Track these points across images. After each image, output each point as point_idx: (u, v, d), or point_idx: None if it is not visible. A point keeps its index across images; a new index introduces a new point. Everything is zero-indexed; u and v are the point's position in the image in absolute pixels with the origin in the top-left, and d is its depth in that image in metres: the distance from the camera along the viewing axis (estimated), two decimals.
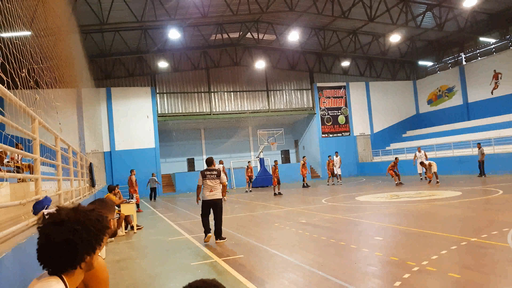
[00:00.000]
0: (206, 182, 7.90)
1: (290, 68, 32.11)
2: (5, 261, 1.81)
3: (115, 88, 27.47)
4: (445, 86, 32.20)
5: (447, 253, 5.67)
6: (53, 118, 5.50)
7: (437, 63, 33.14)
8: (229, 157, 32.71)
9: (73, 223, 1.47)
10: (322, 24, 27.11)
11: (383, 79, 34.69)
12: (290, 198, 17.07)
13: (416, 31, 27.84)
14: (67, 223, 1.46)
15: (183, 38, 25.88)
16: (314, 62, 32.70)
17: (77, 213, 1.51)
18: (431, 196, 12.93)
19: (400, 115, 34.81)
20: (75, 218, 1.49)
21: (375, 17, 23.60)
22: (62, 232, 1.45)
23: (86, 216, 1.52)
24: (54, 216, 1.49)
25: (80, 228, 1.47)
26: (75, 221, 1.48)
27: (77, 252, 1.47)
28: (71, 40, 12.07)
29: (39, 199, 3.00)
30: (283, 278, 5.20)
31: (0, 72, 2.51)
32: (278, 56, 31.32)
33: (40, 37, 5.22)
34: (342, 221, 9.52)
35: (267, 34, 28.03)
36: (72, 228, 1.46)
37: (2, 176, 2.54)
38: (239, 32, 27.19)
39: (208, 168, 8.10)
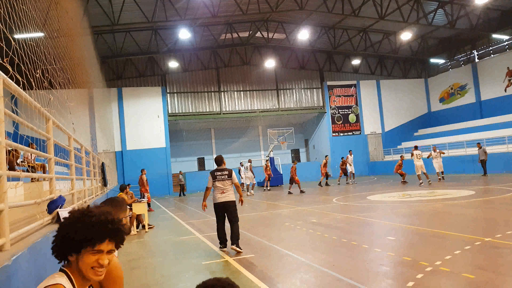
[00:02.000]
0: (216, 184, 7.22)
1: (300, 67, 32.00)
2: (20, 260, 1.83)
3: (126, 88, 27.72)
4: (458, 84, 31.75)
5: (461, 253, 5.59)
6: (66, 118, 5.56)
7: (449, 61, 32.69)
8: (239, 157, 32.73)
9: (80, 215, 1.64)
10: (332, 22, 26.94)
11: (394, 77, 34.35)
12: (300, 198, 17.02)
13: (428, 29, 27.50)
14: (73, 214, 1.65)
15: (193, 38, 25.98)
16: (324, 61, 32.54)
17: (84, 209, 1.68)
18: (444, 196, 12.76)
19: (412, 113, 34.43)
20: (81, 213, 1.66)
21: (386, 15, 23.38)
22: (69, 223, 1.62)
23: (90, 211, 1.66)
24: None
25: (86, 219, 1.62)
26: (82, 214, 1.65)
27: (81, 239, 1.58)
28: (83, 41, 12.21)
29: (54, 199, 3.03)
30: (295, 278, 5.18)
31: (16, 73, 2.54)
32: (288, 55, 31.23)
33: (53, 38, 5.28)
34: (353, 221, 9.45)
35: (277, 33, 27.97)
36: (77, 217, 1.63)
37: (17, 175, 2.57)
38: (249, 31, 27.18)
39: (218, 168, 7.34)
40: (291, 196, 18.12)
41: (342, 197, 15.31)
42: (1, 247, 1.90)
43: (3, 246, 1.91)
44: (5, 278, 1.62)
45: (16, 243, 2.12)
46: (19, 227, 2.29)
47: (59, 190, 3.69)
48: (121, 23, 20.78)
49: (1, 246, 1.90)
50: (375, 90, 33.49)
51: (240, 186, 7.71)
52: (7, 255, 1.80)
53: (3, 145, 1.99)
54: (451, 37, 29.97)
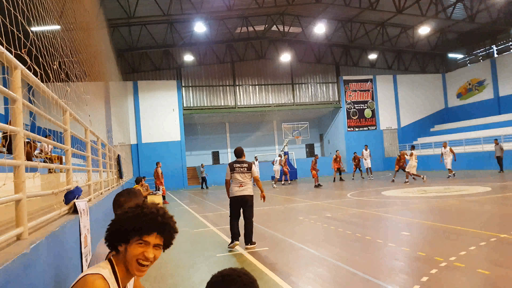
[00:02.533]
0: (235, 176, 6.85)
1: (316, 61, 31.71)
2: (39, 248, 1.86)
3: (142, 82, 27.97)
4: (476, 80, 31.02)
5: (476, 249, 5.51)
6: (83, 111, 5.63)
7: (467, 56, 31.94)
8: (253, 151, 32.76)
9: (132, 210, 1.67)
10: (349, 16, 26.56)
11: (412, 72, 33.75)
12: (315, 192, 16.96)
13: (447, 23, 26.88)
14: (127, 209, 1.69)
15: (209, 31, 25.98)
16: (341, 55, 32.17)
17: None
18: (460, 192, 12.54)
19: (429, 109, 33.83)
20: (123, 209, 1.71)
21: (404, 9, 22.92)
22: (123, 214, 1.67)
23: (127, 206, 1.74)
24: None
25: (130, 215, 1.66)
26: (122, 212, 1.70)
27: (126, 231, 1.63)
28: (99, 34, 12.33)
29: (71, 189, 3.08)
30: (309, 272, 5.17)
31: (34, 64, 2.57)
32: (304, 49, 30.97)
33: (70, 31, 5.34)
34: (368, 216, 9.37)
35: (293, 27, 27.73)
36: (115, 219, 1.68)
37: (35, 165, 2.61)
38: (265, 25, 27.02)
39: (237, 160, 7.01)
40: (306, 190, 18.07)
41: (357, 192, 15.19)
42: (19, 235, 1.93)
43: (22, 235, 1.95)
44: (23, 266, 1.65)
45: (34, 232, 2.16)
46: (37, 216, 2.33)
47: (76, 181, 3.74)
48: (137, 16, 20.92)
49: (20, 235, 1.93)
50: (391, 85, 32.99)
51: (259, 180, 7.26)
52: (26, 243, 1.84)
53: (21, 135, 2.02)
54: (471, 32, 29.23)
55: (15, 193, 1.94)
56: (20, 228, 1.93)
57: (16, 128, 1.99)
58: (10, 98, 2.00)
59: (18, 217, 1.95)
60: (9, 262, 1.49)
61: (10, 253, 1.61)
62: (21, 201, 1.95)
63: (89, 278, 1.51)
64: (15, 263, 1.55)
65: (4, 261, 1.48)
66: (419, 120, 33.53)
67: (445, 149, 19.09)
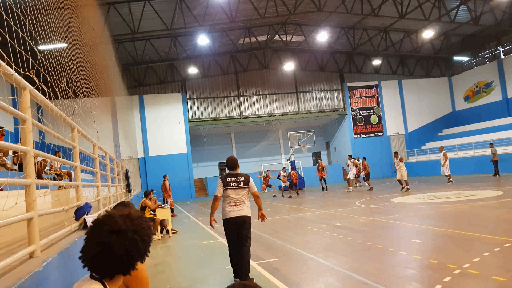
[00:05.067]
0: (228, 193, 5.50)
1: (319, 69, 31.81)
2: (51, 266, 1.88)
3: (147, 96, 28.22)
4: (483, 82, 30.84)
5: (490, 255, 5.41)
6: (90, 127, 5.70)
7: (473, 58, 31.82)
8: (260, 161, 32.76)
9: (132, 233, 1.51)
10: (351, 23, 26.68)
11: (417, 76, 33.69)
12: (322, 201, 16.86)
13: (450, 26, 26.86)
14: (126, 233, 1.50)
15: (212, 43, 26.22)
16: (344, 62, 32.25)
17: (133, 222, 1.54)
18: (471, 197, 12.38)
19: (436, 113, 33.65)
20: (133, 228, 1.53)
21: (407, 13, 22.98)
22: (123, 242, 1.49)
23: (140, 224, 1.56)
24: (112, 224, 1.51)
25: (137, 238, 1.52)
26: (133, 230, 1.52)
27: (133, 261, 1.53)
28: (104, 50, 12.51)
29: (80, 205, 3.10)
30: (319, 282, 5.12)
31: (42, 84, 2.62)
32: (307, 57, 31.11)
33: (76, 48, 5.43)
34: (377, 224, 9.28)
35: (296, 36, 27.91)
36: (131, 238, 1.50)
37: (45, 183, 2.64)
38: (267, 35, 27.24)
39: (230, 172, 5.63)
40: (313, 199, 17.97)
41: (366, 200, 15.07)
42: (32, 253, 1.95)
43: (34, 253, 1.96)
44: (36, 284, 1.66)
45: (46, 249, 2.17)
46: (48, 233, 2.35)
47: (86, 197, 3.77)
48: (141, 31, 21.20)
49: (32, 253, 1.95)
50: (397, 90, 32.93)
51: (259, 196, 5.83)
52: (38, 261, 1.85)
53: (31, 154, 2.05)
54: (475, 34, 29.18)
55: (26, 212, 1.97)
56: (32, 246, 1.95)
57: (26, 147, 2.02)
58: (20, 118, 2.04)
59: (30, 235, 1.97)
60: (22, 281, 1.50)
61: (23, 272, 1.63)
62: (33, 219, 1.98)
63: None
64: (28, 282, 1.56)
65: (17, 280, 1.49)
66: (427, 124, 33.34)
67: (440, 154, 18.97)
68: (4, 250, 2.34)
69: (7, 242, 2.64)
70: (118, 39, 22.38)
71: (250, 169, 32.12)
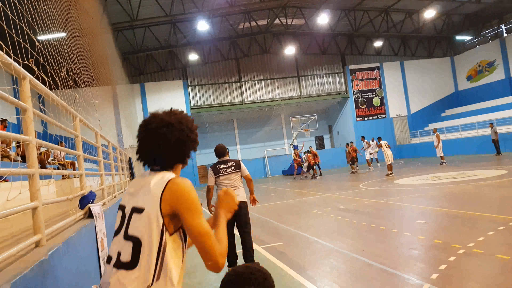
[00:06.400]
0: (221, 181, 5.49)
1: (320, 52, 31.49)
2: (57, 254, 1.90)
3: (149, 84, 28.11)
4: (485, 61, 30.47)
5: (494, 234, 5.43)
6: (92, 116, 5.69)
7: (475, 37, 31.37)
8: (262, 146, 32.76)
9: (179, 124, 1.73)
10: (352, 4, 26.26)
11: (419, 57, 33.32)
12: (326, 184, 16.92)
13: (452, 5, 26.43)
14: (173, 125, 1.72)
15: (212, 29, 25.95)
16: (346, 45, 31.88)
17: (176, 116, 1.77)
18: (475, 176, 12.37)
19: (438, 93, 33.38)
20: (179, 120, 1.75)
21: None
22: (173, 132, 1.70)
23: (185, 117, 1.79)
24: (161, 119, 1.74)
25: (184, 127, 1.74)
26: (180, 122, 1.74)
27: (185, 149, 1.76)
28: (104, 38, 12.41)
29: (85, 194, 3.12)
30: (324, 265, 5.17)
31: (42, 73, 2.60)
32: (308, 40, 30.77)
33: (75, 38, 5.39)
34: (382, 206, 9.32)
35: (296, 19, 27.55)
36: (179, 128, 1.72)
37: (49, 173, 2.65)
38: (267, 19, 26.90)
39: (220, 160, 5.60)
40: (316, 183, 18.04)
41: (369, 182, 15.10)
42: (37, 242, 1.97)
43: (40, 242, 1.98)
44: (43, 273, 1.68)
45: (52, 238, 2.19)
46: (53, 223, 2.36)
47: (90, 186, 3.79)
48: (140, 18, 21.00)
49: (38, 242, 1.97)
50: (399, 71, 32.63)
51: (251, 179, 5.74)
52: (44, 250, 1.87)
53: (33, 143, 2.05)
54: (477, 12, 28.68)
55: (30, 201, 1.98)
56: (38, 236, 1.96)
57: (28, 137, 2.02)
58: (21, 108, 2.03)
59: (35, 225, 1.99)
60: (29, 269, 1.51)
61: (30, 261, 1.64)
62: (37, 208, 1.98)
63: (177, 179, 1.64)
64: (34, 271, 1.57)
65: (24, 268, 1.50)
66: (430, 105, 33.12)
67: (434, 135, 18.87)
68: (11, 240, 2.36)
69: (13, 233, 2.66)
70: (117, 27, 22.19)
71: (253, 155, 32.17)
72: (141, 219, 1.57)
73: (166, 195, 1.57)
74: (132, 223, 1.59)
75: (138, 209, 1.60)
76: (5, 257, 1.55)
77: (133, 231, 1.57)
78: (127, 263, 1.52)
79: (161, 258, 1.53)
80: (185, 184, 1.63)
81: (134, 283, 1.48)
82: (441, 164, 18.23)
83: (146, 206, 1.58)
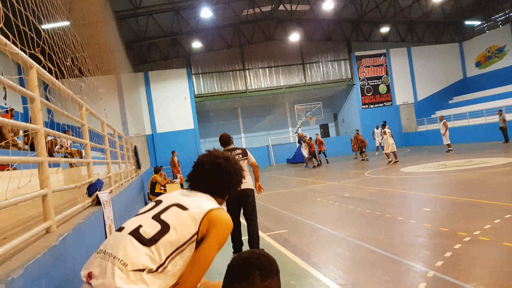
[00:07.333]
0: None
1: (326, 39, 31.16)
2: (67, 240, 1.93)
3: (152, 72, 28.05)
4: (495, 47, 29.99)
5: (501, 222, 5.42)
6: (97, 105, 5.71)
7: (485, 22, 30.82)
8: (267, 134, 32.76)
9: (233, 163, 1.99)
10: None
11: (426, 43, 32.86)
12: (331, 173, 16.92)
13: None
14: (229, 161, 1.98)
15: (215, 16, 25.73)
16: (351, 31, 31.50)
17: (230, 158, 2.02)
18: (482, 164, 12.31)
19: (446, 80, 33.01)
20: (234, 160, 2.01)
21: None
22: (229, 165, 1.96)
23: (235, 161, 2.03)
24: (219, 154, 2.01)
25: (236, 168, 2.00)
26: (234, 161, 2.01)
27: (231, 186, 1.96)
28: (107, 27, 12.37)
29: (92, 182, 3.16)
30: (329, 252, 5.21)
31: (48, 62, 2.61)
32: (313, 27, 30.42)
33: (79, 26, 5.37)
34: (387, 194, 9.33)
35: (300, 5, 27.21)
36: (233, 166, 1.98)
37: (57, 161, 2.68)
38: (272, 5, 26.60)
39: (226, 148, 5.62)
40: (321, 171, 18.05)
41: (375, 170, 15.09)
42: (48, 229, 2.00)
43: (50, 228, 2.02)
44: (53, 258, 1.72)
45: (62, 224, 2.23)
46: (62, 210, 2.40)
47: (97, 174, 3.83)
48: (143, 6, 20.86)
49: (48, 228, 2.01)
50: (406, 58, 32.25)
51: (257, 166, 5.85)
52: (55, 236, 1.91)
53: (42, 132, 2.07)
54: None
55: (40, 189, 2.01)
56: (48, 222, 2.00)
57: (37, 126, 2.04)
58: (29, 97, 2.04)
59: (45, 211, 2.02)
60: (40, 254, 1.55)
61: (41, 246, 1.68)
62: (47, 196, 2.02)
63: (225, 211, 1.80)
64: (46, 256, 1.61)
65: (36, 254, 1.54)
66: (437, 92, 32.78)
67: (441, 123, 18.67)
68: (22, 226, 2.41)
69: (24, 219, 2.71)
70: (120, 15, 22.08)
71: (257, 143, 32.19)
72: (181, 214, 1.67)
73: (212, 215, 1.71)
74: (169, 212, 1.68)
75: (182, 206, 1.71)
76: (18, 242, 1.59)
77: (167, 217, 1.65)
78: (145, 238, 1.57)
79: (175, 254, 1.58)
80: (229, 219, 1.79)
81: (145, 258, 1.52)
82: (447, 152, 18.14)
83: (191, 208, 1.70)
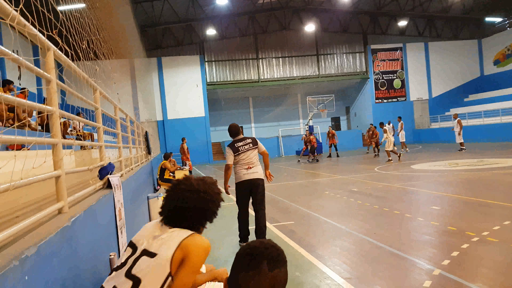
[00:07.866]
0: (240, 158, 5.49)
1: (342, 30, 30.76)
2: (78, 221, 1.97)
3: (165, 58, 28.08)
4: None
5: (511, 223, 5.36)
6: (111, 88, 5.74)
7: (506, 19, 30.05)
8: (277, 125, 32.68)
9: (203, 193, 1.82)
10: None
11: (444, 38, 32.24)
12: (340, 166, 16.86)
13: None
14: (198, 192, 1.81)
15: (231, 3, 25.55)
16: (368, 23, 31.03)
17: (205, 185, 1.86)
18: (494, 164, 12.14)
19: (463, 77, 32.43)
20: (205, 189, 1.84)
21: None
22: (196, 199, 1.80)
23: (212, 189, 1.87)
24: (188, 184, 1.84)
25: (208, 198, 1.83)
26: (204, 191, 1.83)
27: (203, 218, 1.84)
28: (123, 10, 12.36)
29: (104, 165, 3.20)
30: (334, 245, 5.21)
31: (64, 44, 2.63)
32: (329, 18, 30.04)
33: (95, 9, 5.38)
34: (396, 190, 9.27)
35: None
36: (202, 197, 1.82)
37: (71, 143, 2.71)
38: None
39: (236, 138, 5.64)
40: (331, 165, 17.99)
41: (384, 166, 14.99)
42: (60, 209, 2.04)
43: (62, 209, 2.05)
44: (65, 238, 1.75)
45: (73, 206, 2.27)
46: (74, 191, 2.44)
47: (108, 158, 3.87)
48: None
49: (61, 209, 2.04)
50: (422, 53, 31.71)
51: (268, 154, 5.88)
52: (67, 216, 1.94)
53: (57, 114, 2.10)
54: None
55: (54, 170, 2.04)
56: (60, 203, 2.03)
57: (52, 108, 2.06)
58: (45, 79, 2.06)
59: (58, 192, 2.05)
60: (52, 235, 1.58)
61: (53, 227, 1.71)
62: (61, 177, 2.05)
63: (200, 236, 1.75)
64: (58, 236, 1.64)
65: (48, 234, 1.57)
66: (452, 89, 32.27)
67: (454, 121, 18.35)
68: (34, 206, 2.46)
69: (36, 199, 2.76)
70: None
71: (267, 133, 32.15)
72: (150, 263, 1.65)
73: (184, 245, 1.67)
74: (139, 263, 1.67)
75: (150, 254, 1.68)
76: (31, 222, 1.62)
77: (137, 271, 1.65)
78: None
79: None
80: (203, 243, 1.73)
81: None
82: (460, 150, 17.91)
83: (160, 252, 1.67)
